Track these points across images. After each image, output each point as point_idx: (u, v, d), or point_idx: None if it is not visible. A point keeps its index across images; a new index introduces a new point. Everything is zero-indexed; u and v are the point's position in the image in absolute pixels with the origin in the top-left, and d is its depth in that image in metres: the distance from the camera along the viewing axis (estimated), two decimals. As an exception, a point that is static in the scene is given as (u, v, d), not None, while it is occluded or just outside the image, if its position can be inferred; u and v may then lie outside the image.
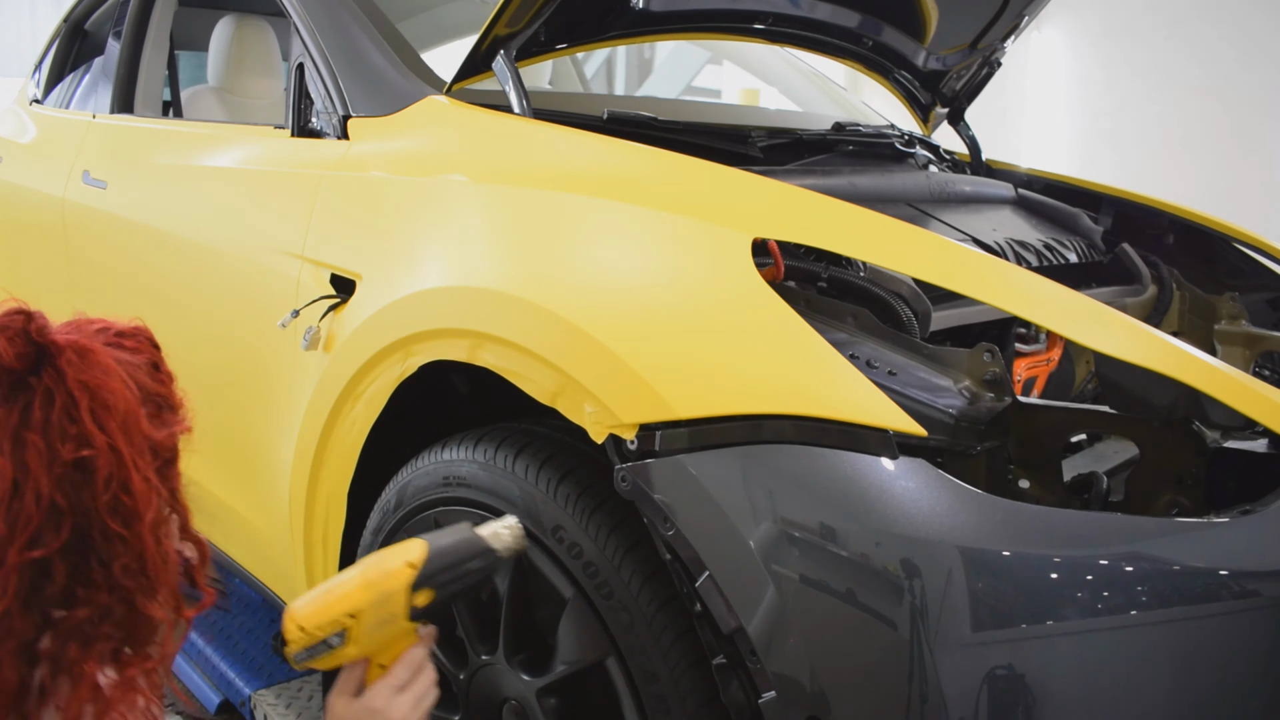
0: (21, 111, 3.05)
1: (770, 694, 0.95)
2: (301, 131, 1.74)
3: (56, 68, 3.03)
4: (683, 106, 2.40)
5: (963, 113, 2.33)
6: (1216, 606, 0.91)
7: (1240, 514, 0.95)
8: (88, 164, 2.34)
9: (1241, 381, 1.03)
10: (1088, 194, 2.10)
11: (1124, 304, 1.70)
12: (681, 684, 1.06)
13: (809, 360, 1.00)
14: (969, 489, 0.94)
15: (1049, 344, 1.60)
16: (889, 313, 1.23)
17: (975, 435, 1.02)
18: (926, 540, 0.90)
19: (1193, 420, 1.05)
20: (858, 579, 0.92)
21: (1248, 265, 1.96)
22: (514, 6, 1.46)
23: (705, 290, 1.09)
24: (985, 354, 1.06)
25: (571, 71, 3.11)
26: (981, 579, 0.90)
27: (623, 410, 1.03)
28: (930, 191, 1.79)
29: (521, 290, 1.16)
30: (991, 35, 2.10)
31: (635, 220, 1.18)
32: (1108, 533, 0.93)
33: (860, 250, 1.19)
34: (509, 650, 1.25)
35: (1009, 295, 1.12)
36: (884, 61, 2.22)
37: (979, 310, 1.40)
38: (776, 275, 1.19)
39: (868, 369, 1.05)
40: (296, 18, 1.81)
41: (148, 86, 2.48)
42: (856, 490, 0.94)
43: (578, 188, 1.26)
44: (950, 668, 0.88)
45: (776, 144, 1.74)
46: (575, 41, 1.82)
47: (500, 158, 1.40)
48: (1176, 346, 1.06)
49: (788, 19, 2.03)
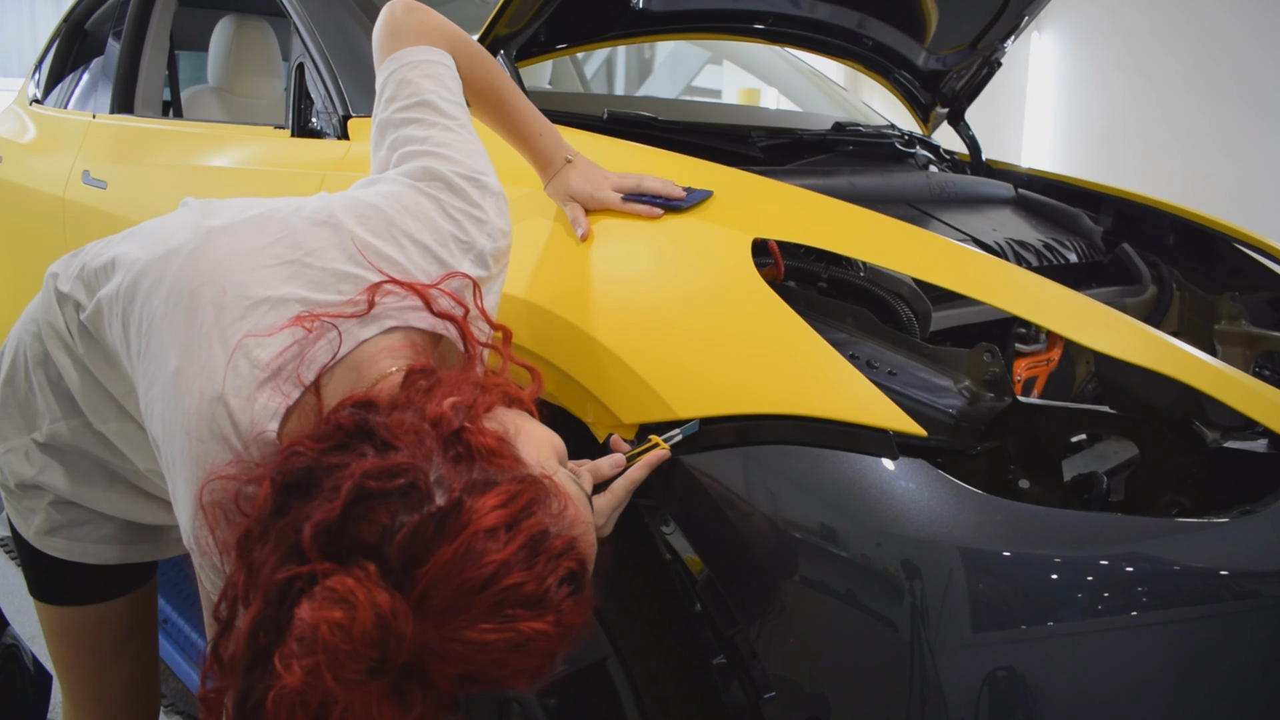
0: (21, 111, 3.05)
1: (770, 694, 0.95)
2: (302, 131, 1.74)
3: (56, 68, 3.03)
4: (683, 106, 2.40)
5: (963, 113, 2.33)
6: (1216, 606, 0.90)
7: (1240, 514, 0.95)
8: (88, 164, 2.34)
9: (1241, 381, 1.03)
10: (1088, 194, 2.10)
11: (1124, 304, 1.70)
12: (682, 684, 1.06)
13: (809, 360, 1.00)
14: (969, 489, 0.94)
15: (1049, 344, 1.60)
16: (889, 313, 1.23)
17: (975, 435, 1.02)
18: (927, 541, 0.90)
19: (1193, 420, 1.05)
20: (858, 579, 0.92)
21: (1248, 265, 1.96)
22: (514, 6, 1.46)
23: (705, 290, 1.09)
24: (985, 354, 1.05)
25: (571, 71, 3.12)
26: (982, 579, 0.90)
27: (623, 411, 1.03)
28: (930, 191, 1.79)
29: (521, 291, 1.16)
30: (991, 35, 2.10)
31: (635, 220, 1.18)
32: (1108, 533, 0.93)
33: (860, 250, 1.19)
34: (509, 650, 1.25)
35: (1009, 295, 1.12)
36: (884, 61, 2.22)
37: (979, 310, 1.40)
38: (776, 275, 1.19)
39: (868, 369, 1.05)
40: (296, 18, 1.81)
41: (148, 86, 2.48)
42: (857, 491, 0.94)
43: (578, 188, 1.26)
44: (950, 668, 0.88)
45: (776, 144, 1.74)
46: (575, 41, 1.82)
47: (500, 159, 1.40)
48: (1176, 346, 1.06)
49: (788, 19, 2.03)
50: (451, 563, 0.73)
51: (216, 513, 0.81)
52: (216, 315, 0.88)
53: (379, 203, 0.99)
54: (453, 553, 0.73)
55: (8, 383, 1.14)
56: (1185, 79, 5.12)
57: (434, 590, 0.73)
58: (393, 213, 0.98)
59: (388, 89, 1.11)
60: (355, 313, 0.90)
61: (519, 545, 0.76)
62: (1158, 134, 5.25)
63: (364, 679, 0.70)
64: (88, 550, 1.18)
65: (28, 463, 1.14)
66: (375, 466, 0.76)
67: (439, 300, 0.93)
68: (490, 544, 0.75)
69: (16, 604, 2.33)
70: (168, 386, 0.88)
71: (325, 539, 0.74)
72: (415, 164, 1.04)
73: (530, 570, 0.76)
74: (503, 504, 0.76)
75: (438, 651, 0.74)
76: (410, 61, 1.11)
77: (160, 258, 0.94)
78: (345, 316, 0.89)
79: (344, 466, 0.76)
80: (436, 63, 1.12)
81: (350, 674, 0.70)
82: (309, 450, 0.79)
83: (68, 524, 1.17)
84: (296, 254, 0.92)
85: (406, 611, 0.72)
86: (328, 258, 0.93)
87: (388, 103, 1.10)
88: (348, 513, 0.74)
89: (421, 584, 0.73)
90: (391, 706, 0.73)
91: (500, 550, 0.75)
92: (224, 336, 0.87)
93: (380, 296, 0.91)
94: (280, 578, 0.73)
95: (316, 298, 0.90)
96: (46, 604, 1.24)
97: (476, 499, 0.76)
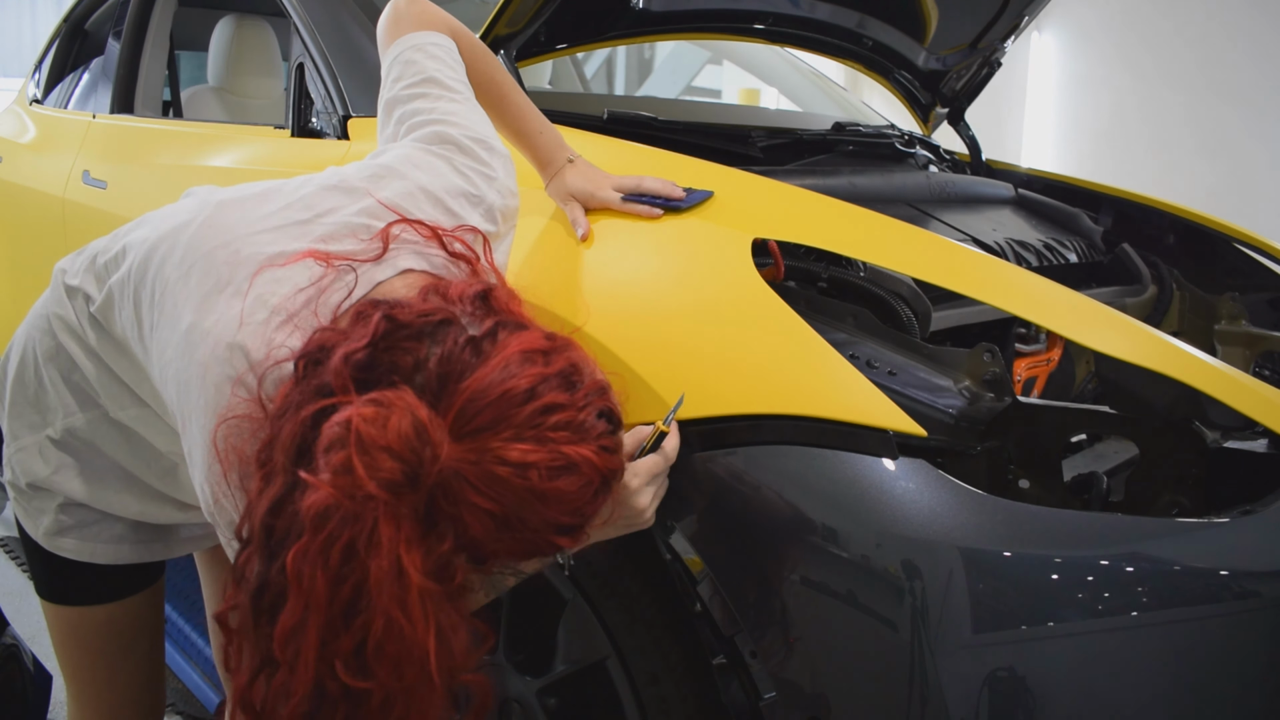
0: (21, 111, 3.05)
1: (770, 695, 0.95)
2: (301, 131, 1.74)
3: (56, 68, 3.03)
4: (683, 106, 2.40)
5: (963, 113, 2.33)
6: (1216, 606, 0.90)
7: (1240, 514, 0.95)
8: (88, 164, 2.34)
9: (1241, 381, 1.03)
10: (1088, 194, 2.10)
11: (1124, 304, 1.70)
12: (682, 684, 1.06)
13: (809, 360, 1.00)
14: (969, 489, 0.94)
15: (1049, 344, 1.60)
16: (889, 313, 1.23)
17: (975, 435, 1.02)
18: (927, 541, 0.90)
19: (1193, 420, 1.05)
20: (858, 580, 0.92)
21: (1248, 265, 1.96)
22: (514, 6, 1.46)
23: (705, 290, 1.09)
24: (985, 354, 1.06)
25: (571, 71, 3.11)
26: (982, 580, 0.90)
27: (623, 410, 1.03)
28: (930, 191, 1.79)
29: (521, 290, 1.16)
30: (991, 35, 2.10)
31: (635, 221, 1.18)
32: (1108, 533, 0.93)
33: (860, 250, 1.19)
34: (509, 650, 1.25)
35: (1009, 295, 1.12)
36: (884, 61, 2.22)
37: (979, 310, 1.40)
38: (776, 275, 1.19)
39: (868, 369, 1.05)
40: (296, 18, 1.81)
41: (148, 86, 2.48)
42: (857, 491, 0.94)
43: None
44: (951, 669, 0.88)
45: (776, 144, 1.74)
46: (575, 41, 1.82)
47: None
48: (1176, 346, 1.06)
49: (788, 19, 2.03)
50: (490, 380, 0.72)
51: (231, 457, 0.79)
52: (231, 272, 0.88)
53: (389, 162, 1.01)
54: (491, 371, 0.72)
55: (17, 381, 1.14)
56: (1186, 78, 5.12)
57: (472, 405, 0.71)
58: (404, 169, 1.00)
59: (394, 70, 1.13)
60: (371, 256, 0.90)
61: (557, 371, 0.75)
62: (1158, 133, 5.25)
63: (397, 485, 0.67)
64: (98, 550, 1.18)
65: (41, 460, 1.13)
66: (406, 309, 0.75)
67: (454, 243, 0.93)
68: (528, 365, 0.73)
69: (16, 604, 2.33)
70: (181, 345, 0.88)
71: (355, 368, 0.72)
72: (424, 130, 1.06)
73: (568, 394, 0.74)
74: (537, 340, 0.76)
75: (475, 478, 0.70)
76: (414, 44, 1.14)
77: (171, 231, 0.95)
78: (361, 260, 0.89)
79: None
80: (439, 45, 1.15)
81: (384, 473, 0.66)
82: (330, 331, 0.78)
83: (77, 525, 1.17)
84: (308, 214, 0.93)
85: (443, 426, 0.70)
86: (340, 214, 0.93)
87: (394, 82, 1.12)
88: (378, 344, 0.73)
89: (460, 400, 0.71)
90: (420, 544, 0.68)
91: (538, 369, 0.73)
92: (239, 289, 0.87)
93: (394, 241, 0.91)
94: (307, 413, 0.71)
95: (330, 249, 0.90)
96: (56, 604, 1.23)
97: (511, 334, 0.76)
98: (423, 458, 0.68)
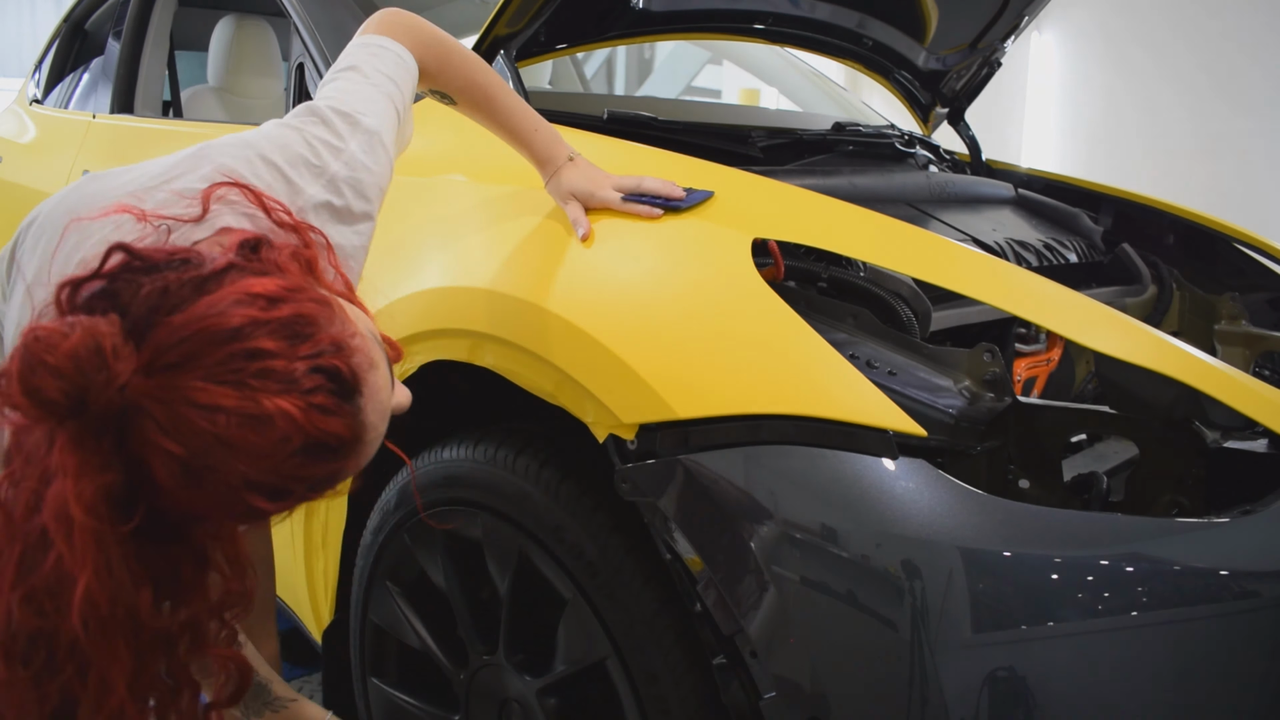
0: (21, 111, 3.05)
1: (770, 694, 0.95)
2: (301, 131, 1.73)
3: (56, 68, 3.03)
4: (683, 106, 2.40)
5: (963, 113, 2.33)
6: (1216, 607, 0.90)
7: (1240, 514, 0.95)
8: (88, 164, 2.34)
9: (1241, 381, 1.03)
10: (1088, 194, 2.10)
11: (1124, 304, 1.70)
12: (682, 684, 1.06)
13: (809, 360, 1.00)
14: (969, 489, 0.94)
15: (1049, 344, 1.60)
16: (889, 313, 1.23)
17: (975, 435, 1.02)
18: (927, 541, 0.90)
19: (1193, 420, 1.05)
20: (858, 580, 0.92)
21: (1248, 265, 1.96)
22: (514, 6, 1.46)
23: (705, 290, 1.09)
24: (985, 354, 1.06)
25: (571, 71, 3.12)
26: (982, 580, 0.90)
27: (623, 411, 1.03)
28: (930, 191, 1.79)
29: (521, 291, 1.16)
30: (991, 35, 2.10)
31: (635, 220, 1.18)
32: (1108, 533, 0.93)
33: (860, 250, 1.19)
34: (509, 650, 1.25)
35: (1009, 295, 1.12)
36: (884, 61, 2.22)
37: (979, 310, 1.40)
38: (776, 275, 1.19)
39: (868, 369, 1.05)
40: (296, 18, 1.81)
41: (148, 86, 2.48)
42: (857, 491, 0.94)
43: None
44: (951, 669, 0.88)
45: (776, 144, 1.74)
46: (575, 41, 1.82)
47: (500, 158, 1.40)
48: (1176, 346, 1.06)
49: (788, 19, 2.03)
50: (200, 316, 0.67)
51: None
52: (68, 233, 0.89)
53: (245, 135, 1.02)
54: (204, 307, 0.68)
55: None
56: (1186, 79, 5.11)
57: (169, 339, 0.67)
58: (253, 139, 1.01)
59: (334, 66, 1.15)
60: (191, 217, 0.88)
61: (279, 317, 0.70)
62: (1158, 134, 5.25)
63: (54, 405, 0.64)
64: None
65: None
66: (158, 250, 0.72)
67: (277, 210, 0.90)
68: (247, 308, 0.69)
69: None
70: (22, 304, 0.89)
71: (75, 291, 0.69)
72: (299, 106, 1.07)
73: (285, 343, 0.69)
74: (270, 286, 0.71)
75: (161, 416, 0.66)
76: (360, 43, 1.15)
77: (36, 210, 0.97)
78: (183, 220, 0.87)
79: None
80: (385, 48, 1.14)
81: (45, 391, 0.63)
82: None
83: None
84: (155, 181, 0.95)
85: (132, 355, 0.66)
86: (182, 181, 0.94)
87: (328, 74, 1.14)
88: (114, 275, 0.69)
89: (160, 333, 0.67)
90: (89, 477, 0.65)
91: (254, 311, 0.69)
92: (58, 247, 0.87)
93: (215, 202, 0.89)
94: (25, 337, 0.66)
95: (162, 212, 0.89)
96: None
97: (245, 276, 0.71)
98: (92, 382, 0.64)
